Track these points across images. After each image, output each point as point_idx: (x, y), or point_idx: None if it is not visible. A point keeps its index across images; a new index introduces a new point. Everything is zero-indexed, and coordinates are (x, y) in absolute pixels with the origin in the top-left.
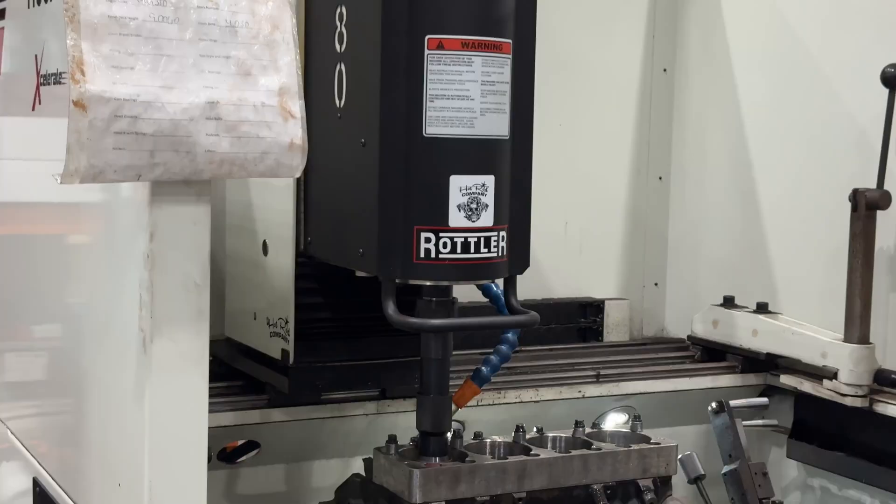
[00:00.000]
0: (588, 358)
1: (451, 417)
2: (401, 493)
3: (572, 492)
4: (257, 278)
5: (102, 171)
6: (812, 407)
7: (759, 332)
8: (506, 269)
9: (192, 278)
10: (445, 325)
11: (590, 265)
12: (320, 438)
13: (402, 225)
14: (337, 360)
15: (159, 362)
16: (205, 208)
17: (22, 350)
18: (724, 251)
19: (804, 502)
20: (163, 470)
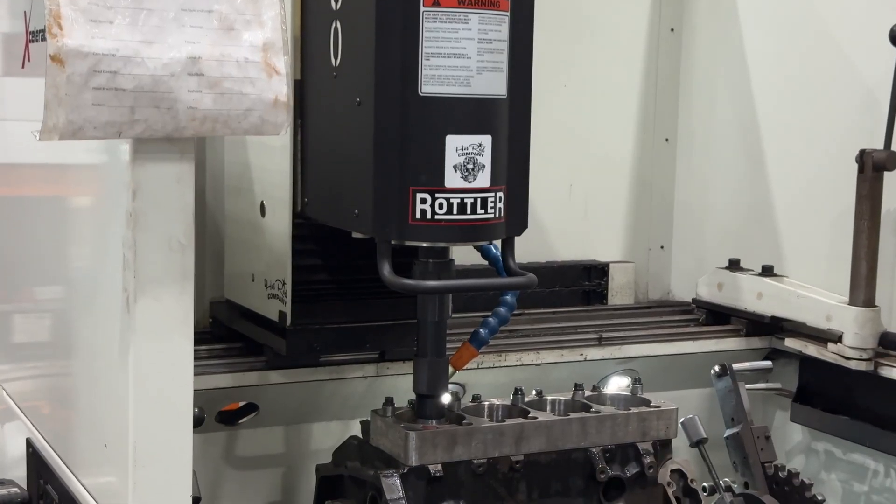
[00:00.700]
0: (591, 321)
1: (449, 380)
2: (397, 455)
3: (570, 455)
4: (255, 240)
5: (82, 127)
6: (816, 370)
7: (764, 294)
8: (503, 231)
9: (177, 238)
10: (441, 286)
11: (595, 228)
12: (319, 401)
13: (398, 185)
14: (335, 322)
15: (143, 322)
16: (188, 166)
17: (16, 312)
18: (731, 214)
19: (808, 466)
20: (147, 431)
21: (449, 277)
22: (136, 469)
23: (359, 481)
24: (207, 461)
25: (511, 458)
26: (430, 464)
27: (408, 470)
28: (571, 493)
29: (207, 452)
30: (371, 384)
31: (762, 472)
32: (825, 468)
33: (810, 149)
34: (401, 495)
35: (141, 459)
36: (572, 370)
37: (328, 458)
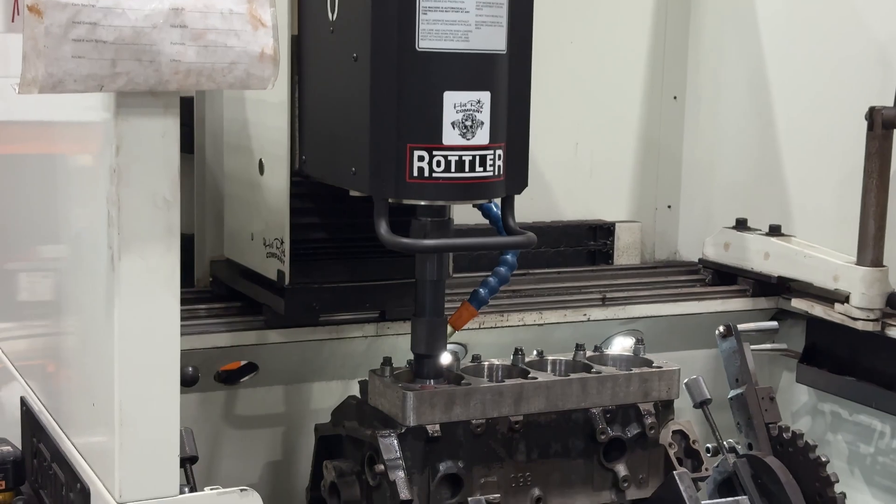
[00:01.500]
0: (595, 281)
1: (447, 340)
2: (395, 415)
3: (571, 416)
4: (254, 198)
5: (62, 80)
6: (823, 331)
7: (771, 254)
8: (503, 189)
9: (161, 194)
10: (438, 245)
11: (601, 187)
12: (319, 360)
13: (395, 143)
14: (334, 282)
15: (128, 280)
16: (173, 121)
17: (10, 271)
18: (739, 173)
19: (814, 427)
20: (133, 390)
21: (447, 236)
22: (122, 428)
23: (357, 441)
24: (206, 420)
25: (510, 418)
26: (427, 424)
27: (405, 430)
28: (571, 454)
29: (206, 412)
30: (371, 344)
31: (766, 434)
32: (831, 429)
33: (820, 106)
34: (398, 455)
35: (127, 418)
36: (575, 330)
37: (328, 418)
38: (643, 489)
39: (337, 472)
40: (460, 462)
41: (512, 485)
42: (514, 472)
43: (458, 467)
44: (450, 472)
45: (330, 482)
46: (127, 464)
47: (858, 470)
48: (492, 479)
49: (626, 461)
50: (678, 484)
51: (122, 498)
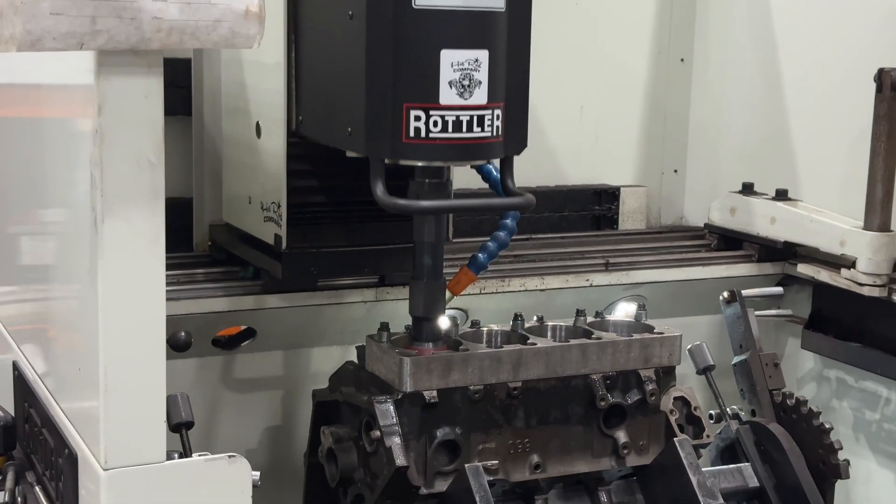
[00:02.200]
0: (599, 246)
1: (446, 304)
2: (391, 381)
3: (570, 382)
4: (252, 161)
5: (40, 38)
6: (830, 297)
7: (777, 219)
8: (501, 150)
9: (146, 155)
10: (436, 206)
11: (606, 151)
12: (318, 325)
13: (391, 102)
14: (332, 246)
15: (111, 243)
16: (157, 81)
17: (2, 235)
18: (747, 136)
19: (819, 394)
20: (118, 355)
21: (445, 198)
22: (107, 394)
23: (354, 407)
24: (204, 386)
25: (509, 384)
26: (424, 390)
27: (402, 396)
28: (571, 421)
29: (204, 377)
30: (370, 309)
31: (769, 400)
32: (836, 396)
33: (828, 68)
34: (394, 421)
35: (112, 384)
36: (578, 296)
37: (327, 384)
38: (643, 456)
39: (334, 438)
40: (458, 428)
41: (510, 451)
42: (512, 438)
43: (455, 434)
44: (447, 438)
45: (327, 448)
46: (112, 430)
47: (863, 436)
48: (490, 446)
49: (626, 428)
50: (679, 451)
51: (108, 464)
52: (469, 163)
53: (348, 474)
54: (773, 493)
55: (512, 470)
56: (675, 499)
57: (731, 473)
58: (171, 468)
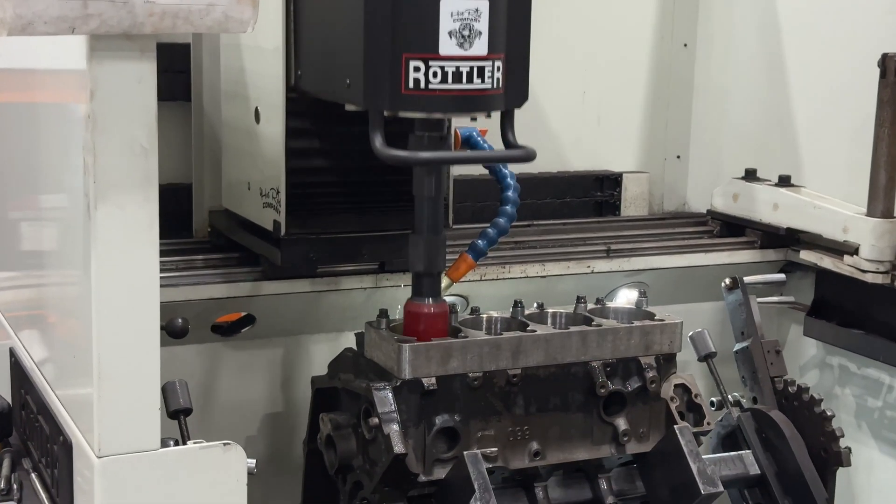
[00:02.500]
0: (601, 232)
1: (446, 292)
2: (390, 368)
3: (570, 369)
4: (250, 147)
5: (31, 22)
6: (832, 284)
7: (780, 205)
8: (502, 103)
9: (139, 141)
10: (435, 157)
11: (608, 137)
12: (317, 312)
13: (390, 53)
14: (331, 232)
15: (105, 230)
16: (150, 66)
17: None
18: (750, 122)
19: (822, 381)
20: (111, 342)
21: (445, 150)
22: (100, 381)
23: (353, 394)
24: (203, 372)
25: (508, 371)
26: (423, 377)
27: (400, 383)
28: (570, 408)
29: (203, 363)
30: (370, 296)
31: (771, 387)
32: (839, 383)
33: (832, 53)
34: (392, 408)
35: (105, 372)
36: (579, 283)
37: (326, 371)
38: (644, 443)
39: (333, 425)
40: (457, 415)
41: (510, 439)
42: (511, 425)
43: (454, 421)
44: (446, 425)
45: (326, 435)
46: (106, 417)
47: (866, 424)
48: (489, 433)
49: (626, 415)
50: (679, 438)
51: (102, 452)
52: (469, 115)
53: (347, 461)
54: (775, 480)
55: (511, 457)
56: (675, 486)
57: (732, 461)
58: (166, 456)
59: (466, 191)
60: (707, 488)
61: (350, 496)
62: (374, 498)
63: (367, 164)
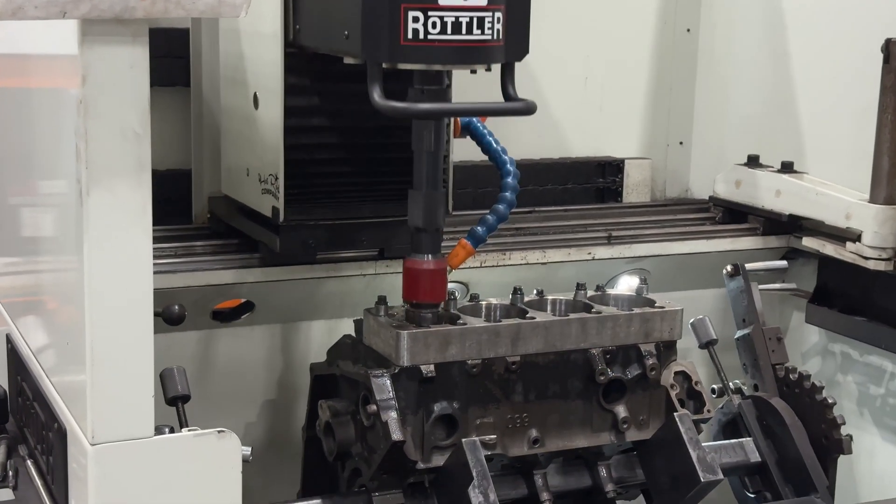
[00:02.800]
0: (602, 219)
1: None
2: (388, 355)
3: (569, 356)
4: (249, 133)
5: (21, 6)
6: (835, 271)
7: (783, 192)
8: (502, 55)
9: (131, 126)
10: (434, 109)
11: (610, 123)
12: (317, 299)
13: (388, 3)
14: (330, 219)
15: (97, 216)
16: (142, 51)
17: None
18: (754, 108)
19: (824, 368)
20: (104, 329)
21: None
22: (93, 368)
23: (352, 381)
24: (202, 359)
25: (507, 358)
26: (422, 364)
27: (399, 370)
28: (570, 395)
29: (202, 350)
30: (370, 282)
31: (772, 375)
32: (841, 370)
33: (835, 39)
34: (391, 396)
35: (98, 358)
36: (580, 269)
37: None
38: (643, 431)
39: (332, 412)
40: (455, 403)
41: (508, 426)
42: (510, 413)
43: (453, 408)
44: (444, 412)
45: (325, 422)
46: (99, 404)
47: (868, 411)
48: (488, 421)
49: (626, 402)
50: (679, 426)
51: (95, 439)
52: (469, 66)
53: (345, 448)
54: (775, 467)
55: (510, 445)
56: (675, 474)
57: (733, 448)
58: (160, 443)
59: (467, 177)
60: (707, 476)
61: (349, 483)
62: (373, 485)
63: (368, 148)
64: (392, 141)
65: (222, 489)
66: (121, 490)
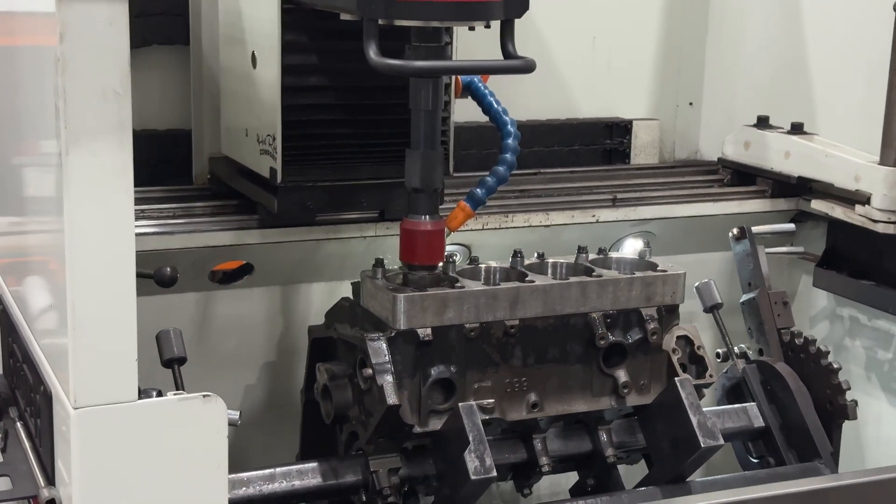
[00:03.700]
0: (609, 181)
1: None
2: (385, 318)
3: (569, 320)
4: (248, 92)
5: None
6: (844, 234)
7: (792, 154)
8: (500, 11)
9: (111, 86)
10: (430, 67)
11: (619, 83)
12: (316, 261)
13: None
14: (329, 180)
15: (77, 177)
16: (121, 7)
17: None
18: (765, 68)
19: (832, 332)
20: (86, 292)
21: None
22: (75, 331)
23: (349, 344)
24: (201, 321)
25: (506, 322)
26: (419, 327)
27: (395, 333)
28: (569, 359)
29: (201, 312)
30: (370, 244)
31: (777, 339)
32: (849, 335)
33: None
34: (387, 359)
35: (80, 322)
36: (584, 232)
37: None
38: (644, 395)
39: (329, 375)
40: (453, 367)
41: (507, 390)
42: (509, 377)
43: (450, 372)
44: (442, 376)
45: (322, 385)
46: (81, 368)
47: (875, 376)
48: (486, 385)
49: (626, 367)
50: (679, 391)
51: (78, 403)
52: (467, 23)
53: (343, 411)
54: (779, 433)
55: (509, 409)
56: (676, 439)
57: (736, 413)
58: (143, 407)
59: (471, 138)
60: (707, 441)
61: (346, 446)
62: (370, 448)
63: (368, 109)
64: (392, 101)
65: (208, 453)
66: (105, 454)
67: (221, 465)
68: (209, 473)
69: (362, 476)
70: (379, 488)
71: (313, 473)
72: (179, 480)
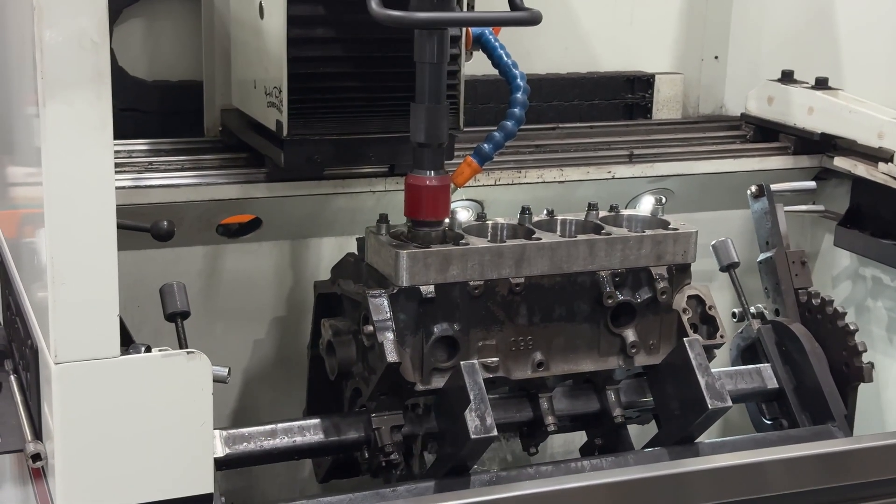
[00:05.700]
0: (628, 136)
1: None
2: (388, 274)
3: (576, 278)
4: (256, 43)
5: None
6: (867, 192)
7: (815, 109)
8: None
9: (88, 35)
10: (433, 18)
11: (641, 36)
12: (325, 215)
13: None
14: (336, 134)
15: (54, 129)
16: None
17: None
18: (791, 21)
19: (854, 293)
20: (65, 246)
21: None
22: (54, 286)
23: (353, 300)
24: (208, 274)
25: (511, 280)
26: (421, 284)
27: (398, 290)
28: (576, 318)
29: (209, 266)
30: (380, 199)
31: (794, 299)
32: (871, 295)
33: None
34: (388, 316)
35: (59, 276)
36: (599, 189)
37: None
38: (653, 356)
39: (333, 331)
40: (456, 324)
41: (511, 349)
42: (514, 335)
43: (453, 329)
44: (445, 334)
45: (327, 341)
46: (61, 323)
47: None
48: (490, 343)
49: (635, 327)
50: (688, 351)
51: (59, 358)
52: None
53: (347, 368)
54: (793, 394)
55: (513, 368)
56: (684, 400)
57: (750, 374)
58: (125, 363)
59: (488, 91)
60: (714, 403)
61: (350, 402)
62: (372, 405)
63: (376, 61)
64: (402, 53)
65: (192, 411)
66: (86, 410)
67: (206, 422)
68: (194, 431)
69: (364, 433)
70: (381, 445)
71: (315, 430)
72: (163, 438)
